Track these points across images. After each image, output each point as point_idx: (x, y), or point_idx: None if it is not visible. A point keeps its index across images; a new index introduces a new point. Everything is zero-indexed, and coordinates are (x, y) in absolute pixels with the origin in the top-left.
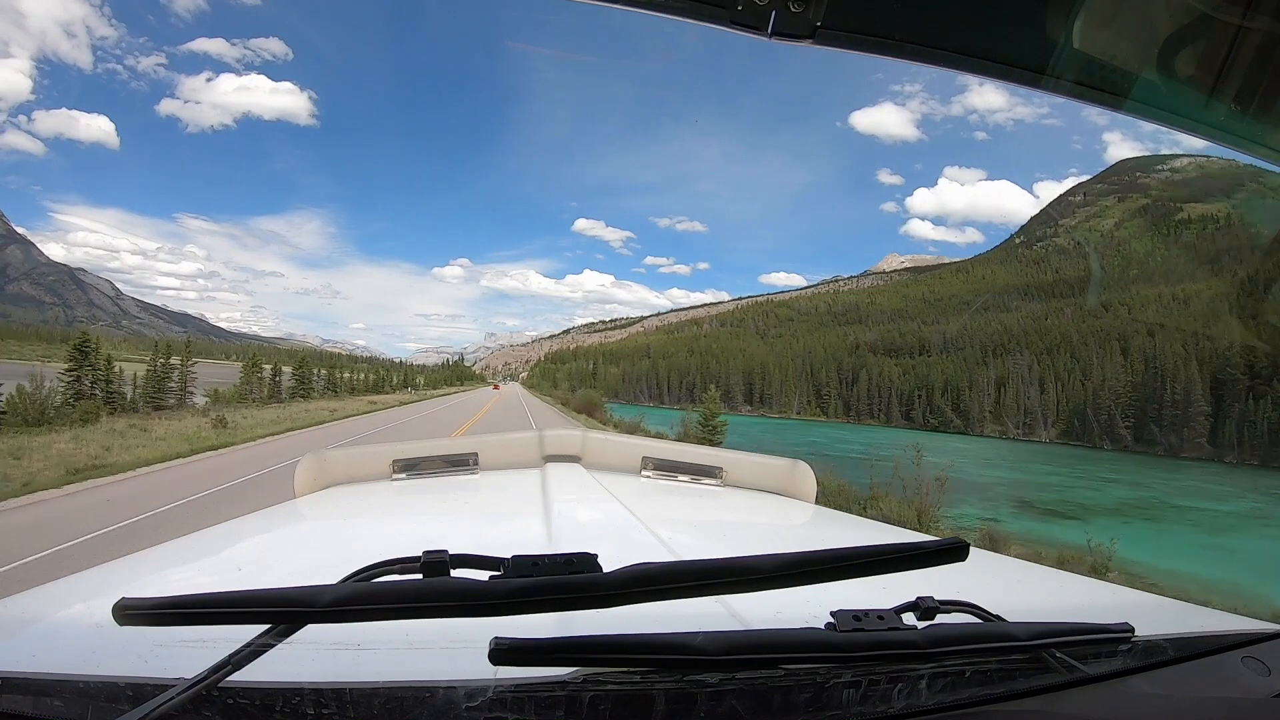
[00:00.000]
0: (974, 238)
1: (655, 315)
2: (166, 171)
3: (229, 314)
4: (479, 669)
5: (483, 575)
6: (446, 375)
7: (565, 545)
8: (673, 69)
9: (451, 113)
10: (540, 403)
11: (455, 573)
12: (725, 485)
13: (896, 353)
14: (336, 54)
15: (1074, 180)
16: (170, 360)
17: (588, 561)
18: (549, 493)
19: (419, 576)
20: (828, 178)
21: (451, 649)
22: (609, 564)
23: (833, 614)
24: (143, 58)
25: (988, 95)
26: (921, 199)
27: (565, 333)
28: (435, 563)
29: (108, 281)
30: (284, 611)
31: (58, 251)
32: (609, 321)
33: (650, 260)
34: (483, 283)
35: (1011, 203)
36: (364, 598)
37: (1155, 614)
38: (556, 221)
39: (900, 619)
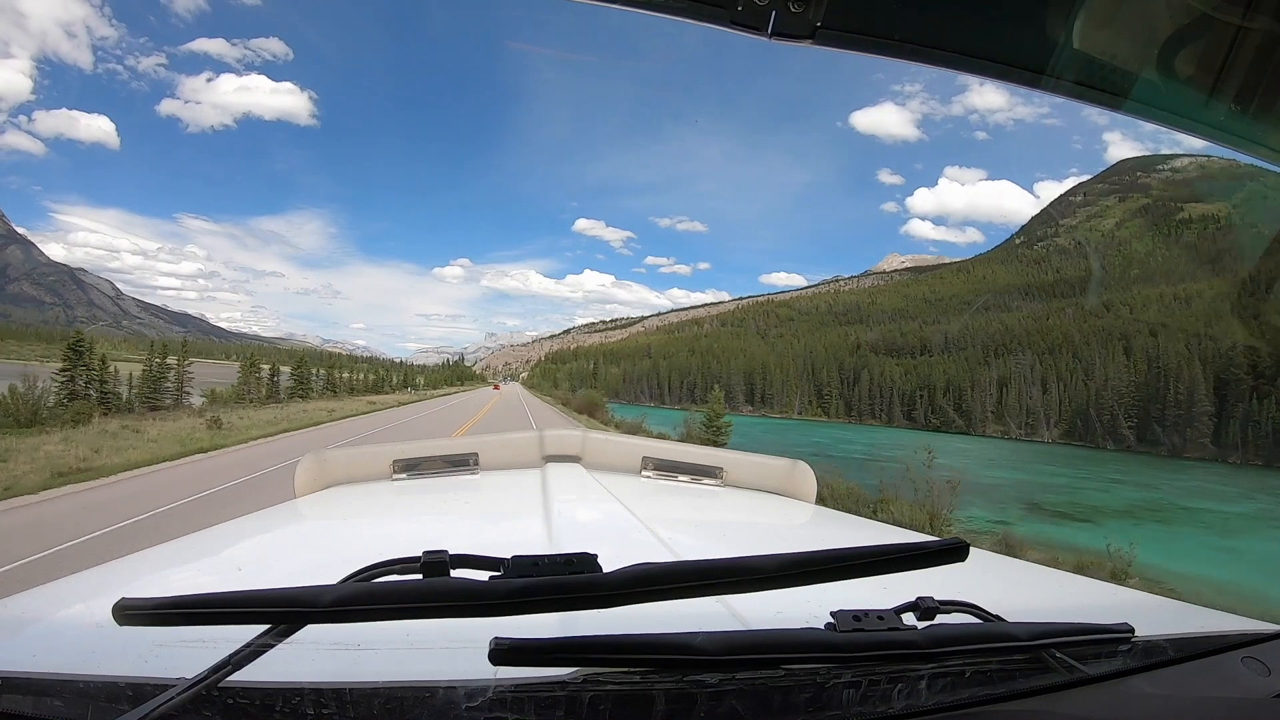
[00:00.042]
0: (974, 238)
1: (656, 315)
2: (167, 171)
3: (229, 314)
4: (479, 669)
5: (483, 575)
6: (447, 375)
7: (565, 545)
8: (673, 69)
9: (451, 113)
10: (541, 403)
11: (455, 573)
12: (725, 485)
13: (898, 353)
14: (336, 54)
15: (1074, 180)
16: (166, 360)
17: (588, 561)
18: (549, 493)
19: (419, 576)
20: (828, 178)
21: (451, 649)
22: (609, 564)
23: (833, 614)
24: (143, 58)
25: (988, 95)
26: (922, 199)
27: (566, 333)
28: (435, 563)
29: (108, 281)
30: (284, 611)
31: (58, 251)
32: (609, 321)
33: (651, 260)
34: (483, 283)
35: (1012, 203)
36: (364, 598)
37: (1155, 614)
38: (557, 221)
39: (900, 619)
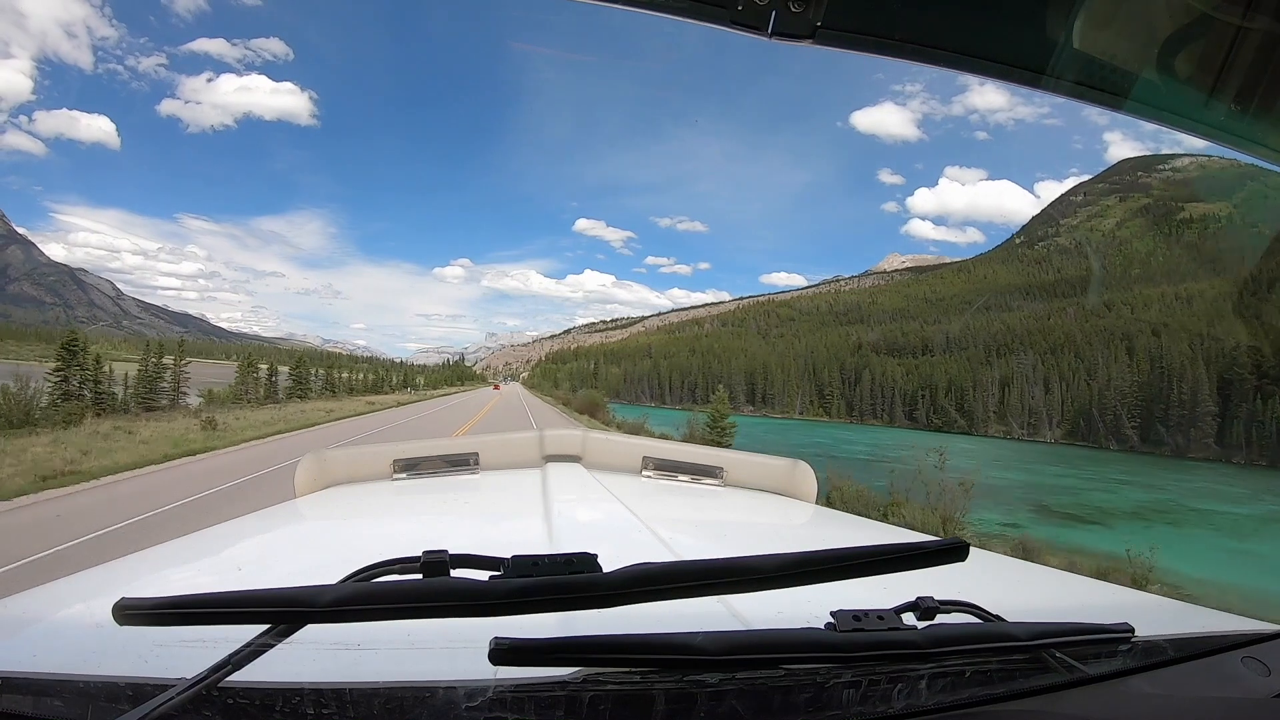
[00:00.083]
0: (975, 238)
1: (656, 315)
2: (167, 172)
3: (230, 314)
4: (479, 669)
5: (483, 575)
6: (447, 375)
7: (565, 545)
8: (673, 69)
9: (452, 113)
10: (541, 403)
11: (455, 573)
12: (726, 485)
13: (899, 352)
14: (337, 54)
15: (1075, 180)
16: (163, 360)
17: (588, 561)
18: (549, 493)
19: (419, 576)
20: (828, 178)
21: (451, 649)
22: (609, 564)
23: (833, 614)
24: (143, 58)
25: (988, 95)
26: (922, 199)
27: (566, 333)
28: (435, 563)
29: (108, 282)
30: (284, 611)
31: (58, 252)
32: (610, 321)
33: (651, 260)
34: (483, 283)
35: (1012, 202)
36: (364, 598)
37: (1155, 614)
38: (557, 221)
39: (900, 619)
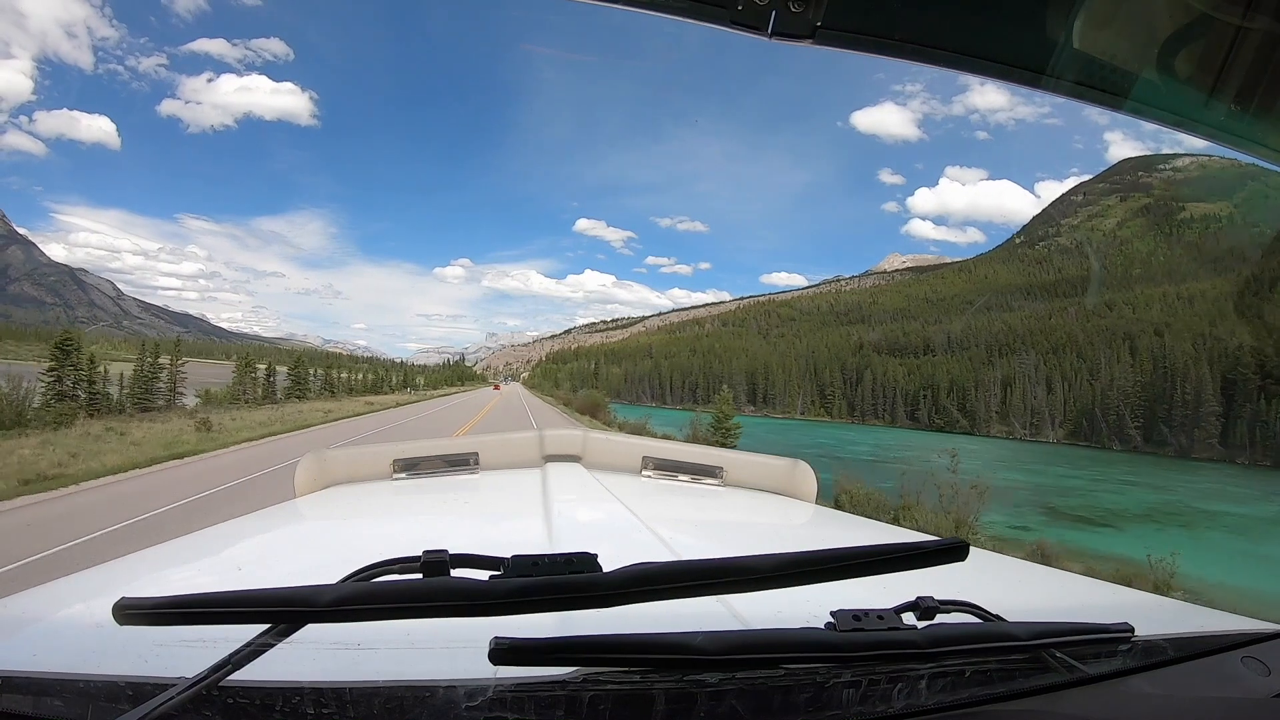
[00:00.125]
0: (975, 237)
1: (657, 315)
2: (167, 172)
3: (230, 314)
4: (479, 669)
5: (483, 575)
6: (447, 375)
7: (565, 545)
8: (673, 69)
9: (452, 113)
10: (542, 403)
11: (455, 572)
12: (726, 485)
13: (900, 352)
14: (337, 54)
15: (1075, 180)
16: (159, 360)
17: (588, 561)
18: (549, 492)
19: (419, 576)
20: (828, 178)
21: (451, 649)
22: (609, 564)
23: (833, 614)
24: (144, 58)
25: (988, 95)
26: (923, 199)
27: (566, 333)
28: (435, 562)
29: (109, 282)
30: (284, 611)
31: (59, 252)
32: (610, 321)
33: (651, 260)
34: (484, 283)
35: (1013, 202)
36: (364, 597)
37: (1155, 614)
38: (558, 221)
39: (900, 619)
